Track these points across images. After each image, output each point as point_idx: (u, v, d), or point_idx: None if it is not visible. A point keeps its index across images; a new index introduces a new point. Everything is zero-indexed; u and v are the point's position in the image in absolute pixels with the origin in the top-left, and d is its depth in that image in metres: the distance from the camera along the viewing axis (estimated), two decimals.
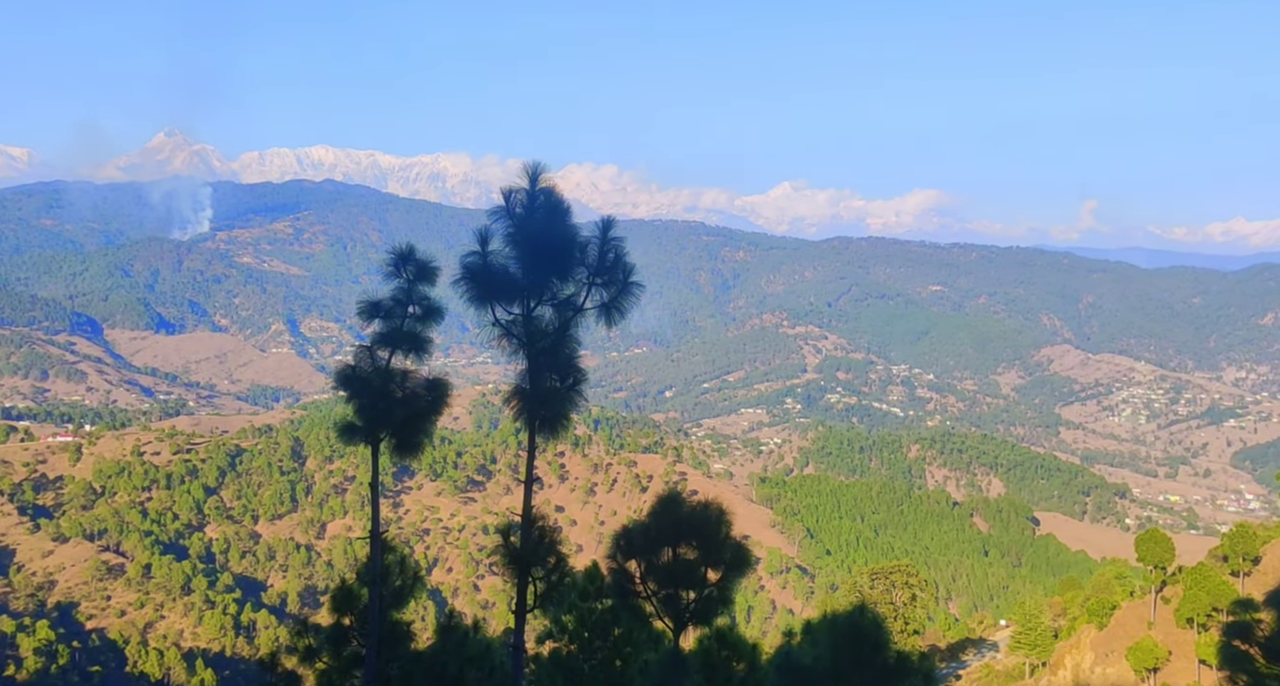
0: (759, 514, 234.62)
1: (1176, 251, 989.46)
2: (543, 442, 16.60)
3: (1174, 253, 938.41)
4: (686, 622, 16.58)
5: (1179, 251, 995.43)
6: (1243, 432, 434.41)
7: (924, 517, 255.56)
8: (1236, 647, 24.99)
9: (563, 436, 16.94)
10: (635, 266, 15.96)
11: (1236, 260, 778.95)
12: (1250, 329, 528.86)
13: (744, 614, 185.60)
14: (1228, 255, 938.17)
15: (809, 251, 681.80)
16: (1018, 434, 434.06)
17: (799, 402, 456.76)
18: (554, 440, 16.93)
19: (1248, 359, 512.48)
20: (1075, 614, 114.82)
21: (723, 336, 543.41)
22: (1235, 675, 25.10)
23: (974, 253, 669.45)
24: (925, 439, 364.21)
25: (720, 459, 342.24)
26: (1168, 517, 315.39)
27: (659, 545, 16.95)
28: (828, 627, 16.38)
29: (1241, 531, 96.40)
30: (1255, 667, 23.55)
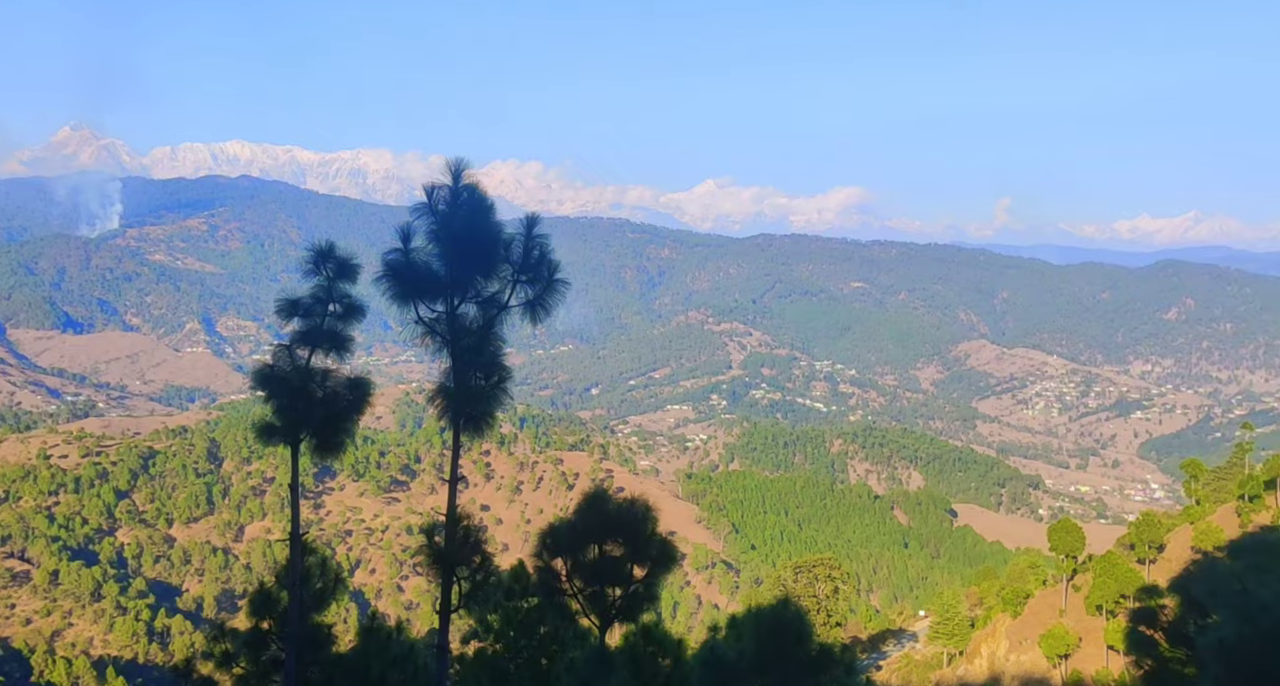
0: (685, 510, 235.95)
1: (1086, 248, 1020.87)
2: (468, 441, 16.48)
3: (1084, 249, 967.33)
4: (613, 619, 16.62)
5: (1089, 248, 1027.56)
6: (1149, 424, 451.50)
7: (846, 511, 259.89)
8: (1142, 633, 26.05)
9: (488, 435, 16.86)
10: (560, 263, 15.93)
11: (1142, 256, 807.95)
12: (1155, 323, 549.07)
13: (670, 609, 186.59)
14: (1134, 252, 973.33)
15: (734, 248, 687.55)
16: (937, 427, 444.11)
17: (725, 399, 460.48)
18: (479, 439, 16.82)
19: (1153, 352, 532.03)
20: (991, 603, 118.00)
21: (649, 333, 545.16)
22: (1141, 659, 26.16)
23: (894, 249, 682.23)
24: (848, 433, 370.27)
25: (647, 456, 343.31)
26: (1079, 508, 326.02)
27: (585, 542, 16.97)
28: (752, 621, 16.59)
29: (1147, 520, 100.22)
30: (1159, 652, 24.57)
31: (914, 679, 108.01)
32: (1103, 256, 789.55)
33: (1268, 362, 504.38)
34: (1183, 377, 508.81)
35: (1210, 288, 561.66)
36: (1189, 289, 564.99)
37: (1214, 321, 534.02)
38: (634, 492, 19.27)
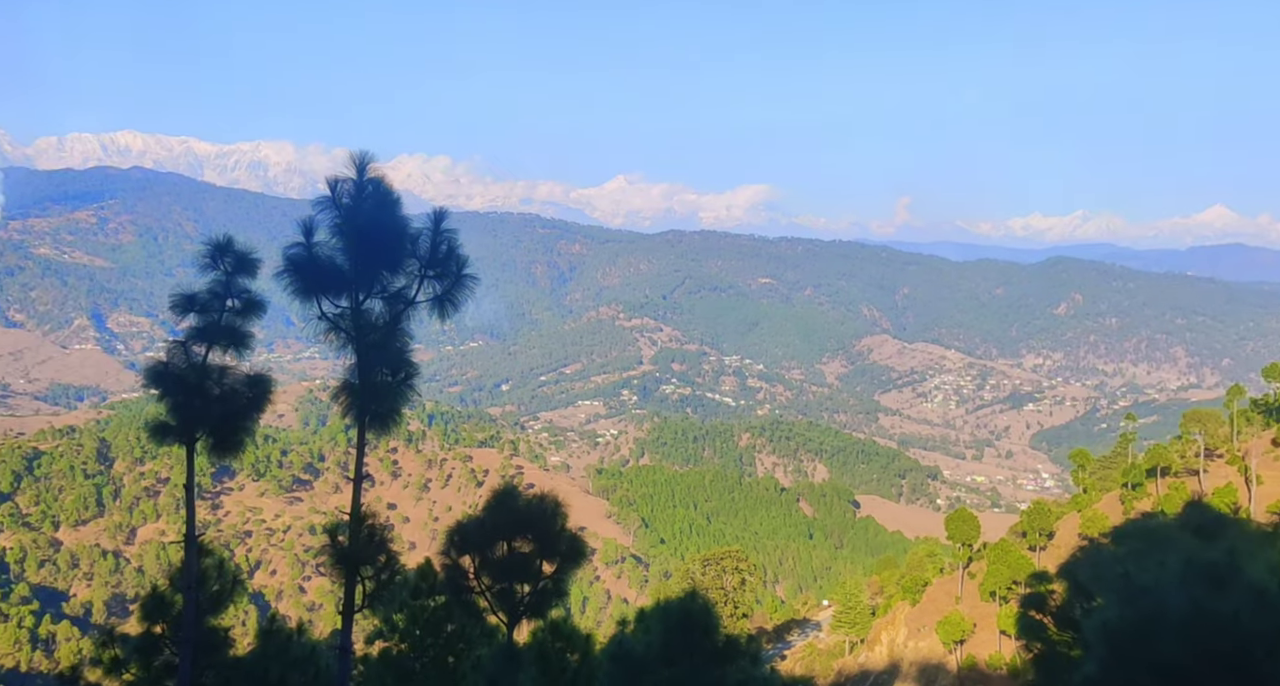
0: (595, 505, 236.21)
1: (983, 245, 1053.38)
2: (374, 439, 16.27)
3: (980, 246, 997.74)
4: (521, 616, 16.63)
5: (985, 245, 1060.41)
6: (1040, 415, 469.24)
7: (754, 504, 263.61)
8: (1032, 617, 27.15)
9: (395, 432, 16.66)
10: (469, 258, 15.82)
11: (1034, 253, 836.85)
12: (1047, 318, 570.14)
13: (579, 604, 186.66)
14: (1027, 249, 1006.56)
15: (644, 244, 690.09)
16: (841, 420, 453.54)
17: (635, 394, 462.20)
18: (385, 436, 16.64)
19: (1044, 346, 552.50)
20: (891, 592, 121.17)
21: (560, 329, 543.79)
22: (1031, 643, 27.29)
23: (800, 246, 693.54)
24: (756, 427, 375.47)
25: (557, 451, 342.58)
26: (974, 497, 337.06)
27: (494, 539, 16.91)
28: (660, 615, 16.77)
29: (1038, 509, 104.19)
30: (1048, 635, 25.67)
31: (817, 667, 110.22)
32: (998, 253, 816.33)
33: (1149, 356, 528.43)
34: (1071, 371, 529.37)
35: (1097, 284, 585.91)
36: (1077, 285, 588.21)
37: (1100, 316, 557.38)
38: (544, 489, 19.28)
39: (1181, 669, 9.14)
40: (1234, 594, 9.39)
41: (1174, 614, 9.37)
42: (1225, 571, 9.82)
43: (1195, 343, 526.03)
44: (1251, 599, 9.13)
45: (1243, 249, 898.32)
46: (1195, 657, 9.09)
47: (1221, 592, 9.52)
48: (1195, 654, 9.10)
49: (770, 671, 24.16)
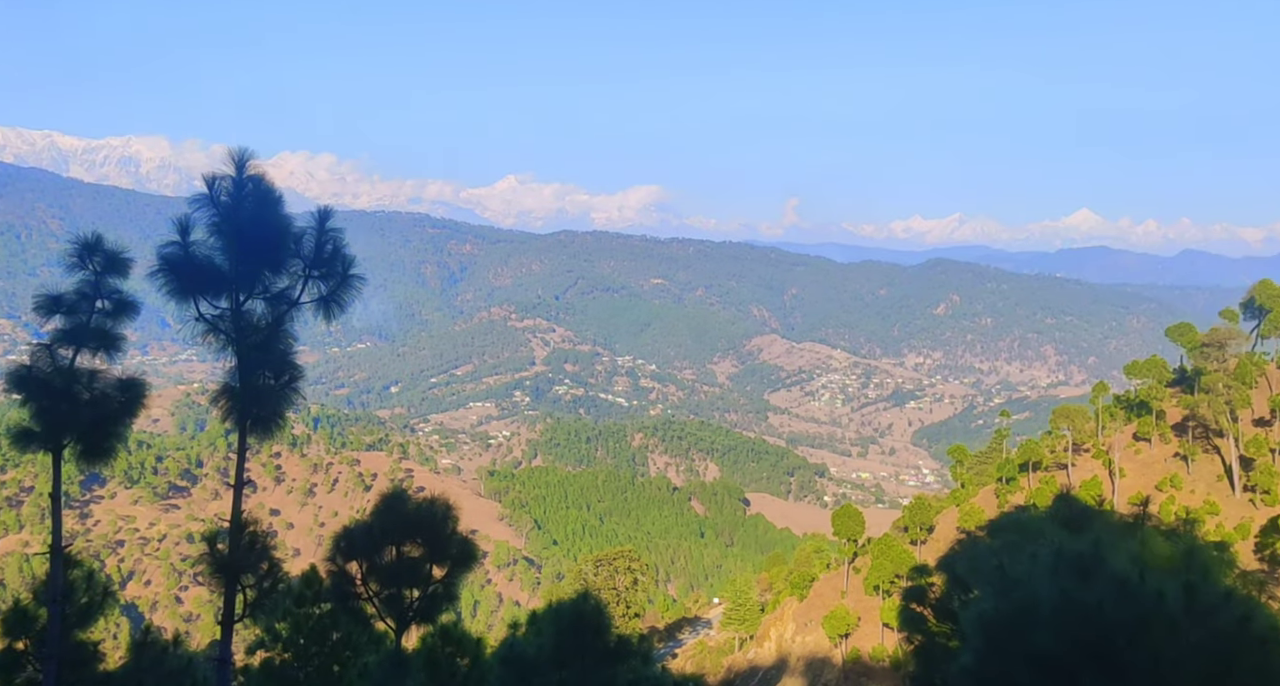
0: (487, 507, 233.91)
1: (866, 247, 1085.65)
2: (256, 443, 15.77)
3: (864, 248, 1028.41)
4: (410, 621, 16.37)
5: (868, 247, 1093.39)
6: (921, 413, 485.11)
7: (646, 503, 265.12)
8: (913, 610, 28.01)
9: (278, 436, 16.24)
10: (356, 258, 15.47)
11: (915, 255, 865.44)
12: (927, 318, 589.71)
13: (470, 608, 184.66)
14: (908, 250, 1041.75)
15: (536, 244, 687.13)
16: (732, 420, 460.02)
17: (528, 395, 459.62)
18: (268, 440, 16.15)
19: (925, 345, 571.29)
20: (780, 588, 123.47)
21: (450, 330, 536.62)
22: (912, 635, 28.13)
23: (691, 247, 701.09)
24: (648, 427, 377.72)
25: (449, 454, 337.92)
26: (859, 493, 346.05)
27: (382, 544, 16.62)
28: (552, 616, 16.73)
29: (919, 504, 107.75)
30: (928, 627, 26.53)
31: (707, 665, 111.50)
32: (880, 255, 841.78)
33: (1022, 355, 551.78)
34: (950, 369, 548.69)
35: (973, 285, 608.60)
36: (955, 286, 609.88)
37: (976, 316, 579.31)
38: (434, 492, 19.02)
39: (1052, 658, 9.50)
40: (1099, 584, 9.79)
41: (1044, 604, 9.73)
42: (1091, 562, 10.23)
43: (1064, 341, 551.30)
44: (1115, 589, 9.55)
45: (1107, 251, 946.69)
46: (1064, 647, 9.46)
47: (1087, 583, 9.90)
48: (1064, 643, 9.46)
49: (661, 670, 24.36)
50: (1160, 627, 9.33)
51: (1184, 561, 10.18)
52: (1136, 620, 9.42)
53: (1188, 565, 10.08)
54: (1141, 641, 9.30)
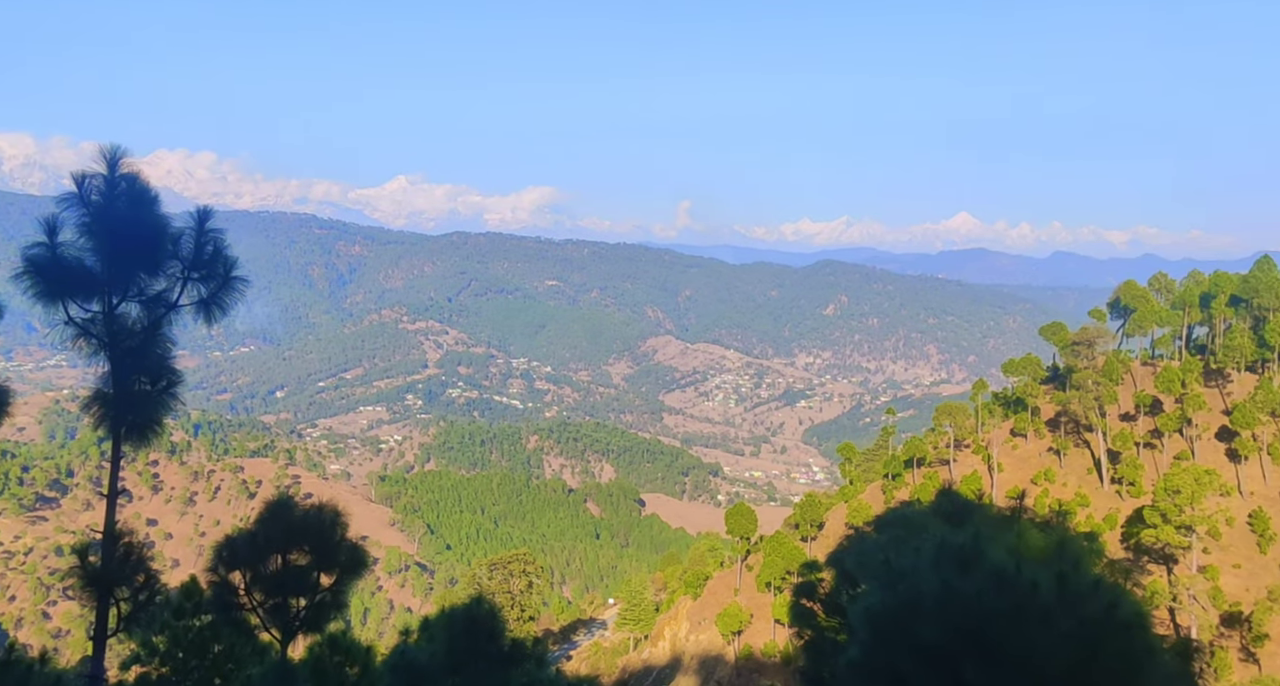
0: (378, 513, 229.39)
1: (758, 249, 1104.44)
2: (131, 451, 15.13)
3: (756, 250, 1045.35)
4: (296, 631, 15.94)
5: (760, 249, 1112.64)
6: (812, 412, 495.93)
7: (542, 506, 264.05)
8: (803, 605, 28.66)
9: (155, 443, 15.57)
10: (239, 260, 14.97)
11: (804, 257, 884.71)
12: (817, 319, 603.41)
13: (360, 616, 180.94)
14: (798, 252, 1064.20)
15: (428, 246, 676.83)
16: (627, 421, 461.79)
17: (420, 398, 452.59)
18: (144, 448, 15.51)
19: (815, 345, 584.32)
20: (674, 587, 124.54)
21: (340, 333, 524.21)
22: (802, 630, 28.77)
23: (586, 248, 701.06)
24: (544, 429, 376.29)
25: (338, 459, 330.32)
26: (752, 492, 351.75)
27: (267, 553, 16.19)
28: (445, 622, 16.50)
29: (809, 501, 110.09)
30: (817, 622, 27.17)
31: (602, 666, 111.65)
32: (771, 256, 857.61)
33: (906, 354, 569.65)
34: (839, 368, 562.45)
35: (860, 286, 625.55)
36: (843, 287, 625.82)
37: (864, 316, 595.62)
38: (323, 498, 18.65)
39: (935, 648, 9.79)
40: (978, 575, 10.13)
41: (927, 596, 10.02)
42: (970, 554, 10.59)
43: (946, 341, 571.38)
44: (993, 579, 9.88)
45: (985, 253, 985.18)
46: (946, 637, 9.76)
47: (967, 574, 10.24)
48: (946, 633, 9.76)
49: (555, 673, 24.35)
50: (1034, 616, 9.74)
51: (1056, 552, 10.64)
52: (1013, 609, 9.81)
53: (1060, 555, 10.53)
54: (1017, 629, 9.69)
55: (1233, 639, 75.77)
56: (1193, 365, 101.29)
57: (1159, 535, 76.30)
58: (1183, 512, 74.46)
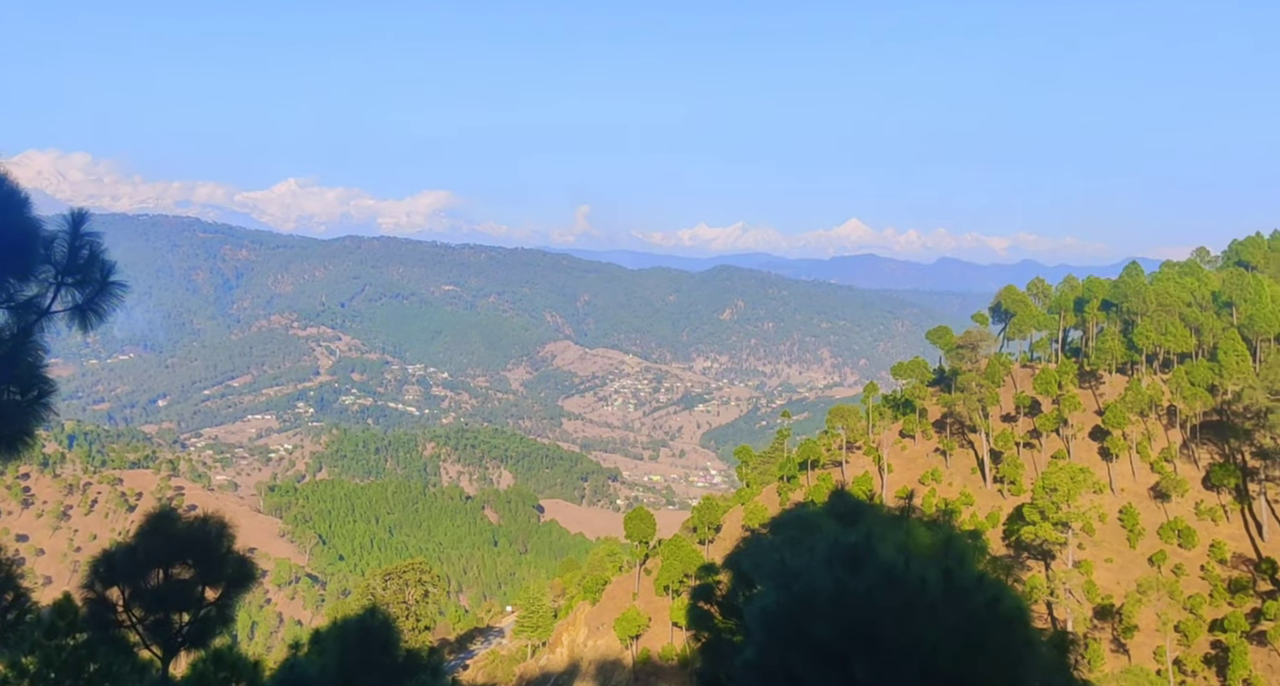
0: (268, 524, 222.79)
1: (656, 254, 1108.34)
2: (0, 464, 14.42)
3: (654, 255, 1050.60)
4: (179, 647, 15.44)
5: (657, 254, 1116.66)
6: (709, 415, 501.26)
7: (438, 514, 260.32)
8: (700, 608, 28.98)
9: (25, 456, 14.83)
10: (117, 264, 14.35)
11: (702, 262, 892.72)
12: (714, 323, 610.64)
13: (248, 630, 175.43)
14: (695, 258, 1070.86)
15: (320, 250, 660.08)
16: (526, 426, 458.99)
17: (312, 406, 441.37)
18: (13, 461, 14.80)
19: (712, 349, 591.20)
20: (573, 593, 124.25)
21: (226, 339, 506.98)
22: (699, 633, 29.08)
23: (483, 253, 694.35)
24: (440, 436, 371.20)
25: (225, 469, 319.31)
26: (651, 496, 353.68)
27: (148, 567, 15.67)
28: (337, 634, 16.16)
29: (707, 504, 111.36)
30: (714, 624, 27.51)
31: (499, 674, 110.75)
32: (669, 262, 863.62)
33: (801, 357, 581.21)
34: (736, 372, 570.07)
35: (756, 291, 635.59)
36: (740, 292, 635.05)
37: (759, 321, 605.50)
38: (208, 509, 18.13)
39: (828, 646, 10.04)
40: (869, 573, 10.45)
41: (820, 595, 10.27)
42: (862, 553, 10.91)
43: (838, 344, 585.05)
44: (883, 577, 10.21)
45: (875, 259, 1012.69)
46: (839, 635, 10.02)
47: (859, 573, 10.55)
48: (839, 631, 10.02)
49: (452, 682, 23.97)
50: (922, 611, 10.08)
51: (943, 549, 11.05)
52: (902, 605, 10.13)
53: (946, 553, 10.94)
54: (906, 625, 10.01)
55: (1105, 630, 79.59)
56: (1068, 367, 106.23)
57: (1038, 532, 79.64)
58: (1059, 510, 77.92)
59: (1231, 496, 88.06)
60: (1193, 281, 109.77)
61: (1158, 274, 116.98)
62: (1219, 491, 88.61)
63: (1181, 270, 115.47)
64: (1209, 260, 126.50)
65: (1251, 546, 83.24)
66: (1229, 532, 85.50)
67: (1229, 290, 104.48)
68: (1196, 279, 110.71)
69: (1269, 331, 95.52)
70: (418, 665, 16.13)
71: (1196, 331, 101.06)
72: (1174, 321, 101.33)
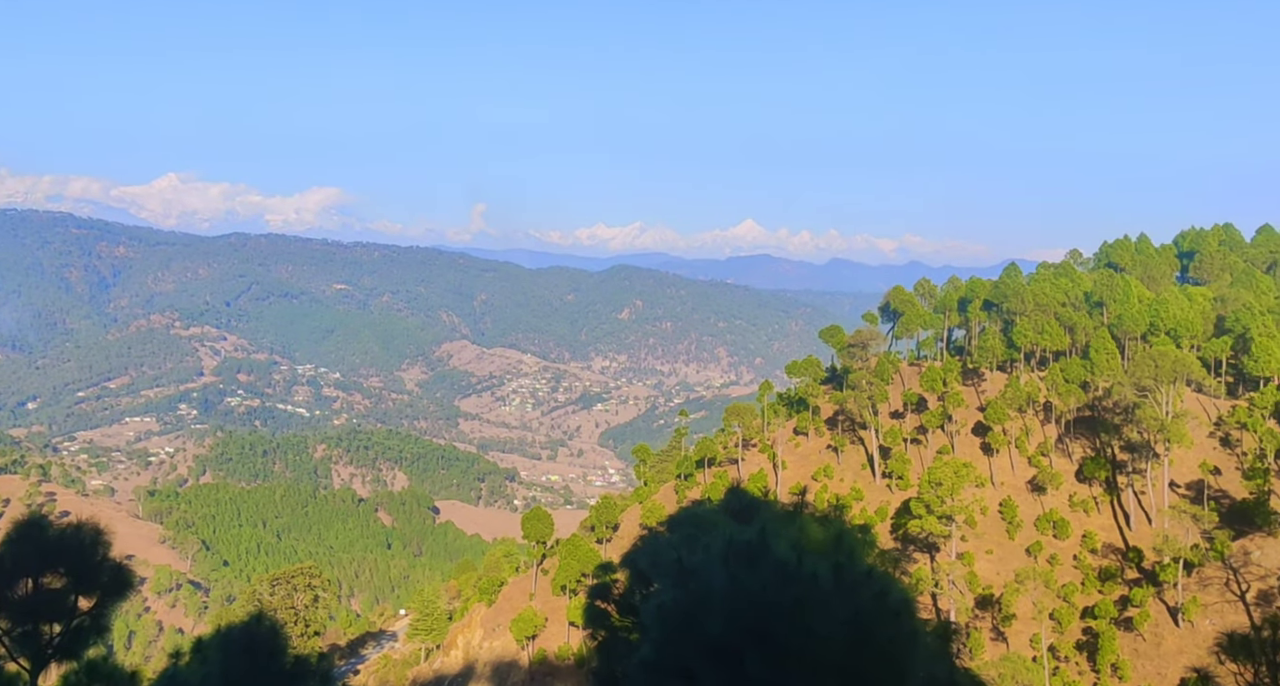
0: (147, 530, 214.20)
1: (554, 253, 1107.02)
2: None
3: (551, 254, 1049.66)
4: (50, 659, 14.74)
5: (555, 253, 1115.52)
6: (608, 415, 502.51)
7: (329, 517, 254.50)
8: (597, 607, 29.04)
9: None
10: None
11: (599, 262, 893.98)
12: (612, 323, 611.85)
13: (125, 640, 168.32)
14: (593, 257, 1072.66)
15: (203, 248, 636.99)
16: (422, 427, 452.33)
17: (195, 408, 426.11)
18: None
19: (610, 349, 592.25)
20: (469, 594, 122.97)
21: (102, 339, 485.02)
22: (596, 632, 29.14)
23: (377, 252, 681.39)
24: (332, 438, 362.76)
25: (100, 474, 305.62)
26: (549, 496, 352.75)
27: (15, 577, 15.00)
28: (220, 642, 15.62)
29: (605, 503, 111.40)
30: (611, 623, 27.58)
31: (392, 678, 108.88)
32: (567, 261, 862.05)
33: (698, 356, 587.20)
34: (635, 371, 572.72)
35: (654, 290, 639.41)
36: (638, 291, 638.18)
37: (658, 320, 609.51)
38: (82, 516, 17.41)
39: (722, 643, 10.14)
40: (763, 569, 10.61)
41: (716, 592, 10.38)
42: (757, 549, 11.09)
43: (734, 344, 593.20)
44: (777, 572, 10.39)
45: (769, 259, 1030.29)
46: (733, 631, 10.15)
47: (754, 569, 10.70)
48: (732, 628, 10.15)
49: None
50: (814, 606, 10.29)
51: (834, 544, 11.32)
52: (794, 601, 10.32)
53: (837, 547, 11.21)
54: (798, 620, 10.19)
55: (985, 619, 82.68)
56: (952, 365, 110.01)
57: (923, 525, 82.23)
58: (944, 503, 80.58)
59: (1102, 488, 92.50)
60: (1067, 282, 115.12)
61: (1035, 275, 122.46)
62: (1091, 484, 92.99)
63: (1056, 271, 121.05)
64: (1081, 262, 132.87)
65: (1120, 536, 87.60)
66: (1100, 523, 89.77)
67: (1100, 290, 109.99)
68: (1070, 280, 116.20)
69: (1136, 330, 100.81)
70: (306, 671, 15.71)
71: (1070, 330, 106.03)
72: (1050, 321, 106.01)
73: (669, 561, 12.24)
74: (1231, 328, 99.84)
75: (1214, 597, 72.41)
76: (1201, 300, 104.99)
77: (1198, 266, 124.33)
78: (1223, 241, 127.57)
